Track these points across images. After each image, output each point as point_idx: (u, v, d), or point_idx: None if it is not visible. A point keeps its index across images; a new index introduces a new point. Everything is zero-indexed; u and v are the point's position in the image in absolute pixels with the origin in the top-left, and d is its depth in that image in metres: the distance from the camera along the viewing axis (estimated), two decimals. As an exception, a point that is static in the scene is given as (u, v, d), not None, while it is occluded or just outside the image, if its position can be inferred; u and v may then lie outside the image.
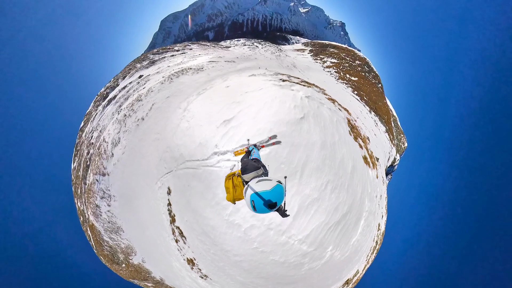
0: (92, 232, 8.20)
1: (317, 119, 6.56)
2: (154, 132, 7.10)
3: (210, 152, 6.02)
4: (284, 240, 5.89)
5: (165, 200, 6.66)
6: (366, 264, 8.02)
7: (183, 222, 6.41)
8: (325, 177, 6.07)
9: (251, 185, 2.48)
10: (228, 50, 13.31)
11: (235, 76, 8.33)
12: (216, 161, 5.93)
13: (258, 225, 5.80)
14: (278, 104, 6.35)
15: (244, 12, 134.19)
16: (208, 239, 6.13)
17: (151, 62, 10.66)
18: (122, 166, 7.24)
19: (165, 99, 7.64)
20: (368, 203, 7.31)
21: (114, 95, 9.39)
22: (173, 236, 6.73)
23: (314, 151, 6.06)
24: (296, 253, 6.02)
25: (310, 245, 6.06)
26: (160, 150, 6.80)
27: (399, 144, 16.68)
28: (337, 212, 6.26)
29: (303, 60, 15.88)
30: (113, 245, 7.97)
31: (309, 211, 5.92)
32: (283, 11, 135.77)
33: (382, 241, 8.78)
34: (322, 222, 6.06)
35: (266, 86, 7.13)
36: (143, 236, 7.42)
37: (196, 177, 6.07)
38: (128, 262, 8.03)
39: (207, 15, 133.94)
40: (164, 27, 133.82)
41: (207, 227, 6.05)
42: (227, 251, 6.06)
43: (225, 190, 3.17)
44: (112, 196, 7.40)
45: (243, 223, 5.82)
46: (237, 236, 5.88)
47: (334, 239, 6.41)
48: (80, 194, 8.49)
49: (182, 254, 6.77)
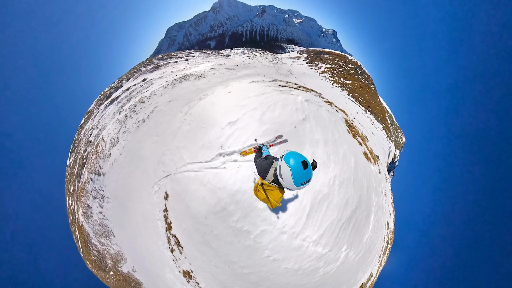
0: (80, 234, 7.21)
1: (317, 120, 6.28)
2: (154, 134, 6.53)
3: (214, 153, 5.39)
4: (298, 243, 5.18)
5: (161, 205, 5.87)
6: (379, 266, 7.32)
7: (181, 230, 5.55)
8: (331, 172, 5.72)
9: (280, 168, 2.24)
10: (228, 58, 12.93)
11: (235, 82, 7.91)
12: (221, 162, 5.28)
13: (270, 229, 5.05)
14: (281, 107, 6.00)
15: (244, 24, 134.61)
16: (210, 250, 5.24)
17: (155, 66, 10.27)
18: (118, 167, 6.59)
19: (167, 103, 7.13)
20: (375, 198, 6.87)
21: (117, 96, 8.88)
22: (168, 245, 5.85)
23: (319, 148, 5.76)
24: (310, 257, 5.32)
25: (325, 246, 5.44)
26: (159, 153, 6.17)
27: (397, 140, 16.27)
28: (348, 207, 5.80)
29: (299, 66, 15.57)
30: (102, 250, 6.96)
31: (321, 208, 5.40)
32: (279, 22, 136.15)
33: (393, 240, 8.10)
34: (334, 219, 5.52)
35: (267, 91, 6.72)
36: (135, 243, 6.55)
37: (197, 180, 5.32)
38: (116, 270, 6.93)
39: (209, 25, 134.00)
40: (169, 35, 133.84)
41: (208, 236, 5.17)
42: (233, 263, 5.15)
43: (265, 203, 2.81)
44: (106, 197, 6.66)
45: (253, 229, 5.01)
46: (245, 245, 5.03)
47: (347, 237, 5.85)
48: (73, 192, 7.66)
49: (178, 265, 5.84)
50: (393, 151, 13.23)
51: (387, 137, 12.68)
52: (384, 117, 13.40)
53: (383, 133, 12.51)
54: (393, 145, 13.38)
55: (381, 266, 7.44)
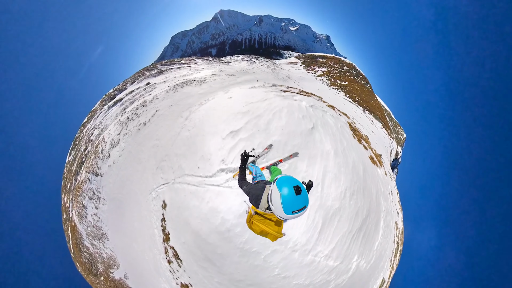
0: (72, 234, 6.52)
1: (325, 127, 5.67)
2: (154, 138, 6.08)
3: (215, 168, 4.71)
4: (310, 259, 4.72)
5: (159, 213, 5.28)
6: (391, 271, 6.80)
7: (179, 243, 4.92)
8: (342, 185, 5.15)
9: (271, 192, 1.80)
10: (228, 65, 12.63)
11: (236, 88, 7.51)
12: (224, 180, 4.57)
13: (282, 249, 4.54)
14: (287, 114, 5.33)
15: (243, 32, 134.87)
16: (213, 267, 4.63)
17: (159, 71, 9.98)
18: (117, 169, 6.07)
19: (168, 107, 6.70)
20: (384, 202, 6.41)
21: (121, 98, 8.48)
22: (166, 255, 5.22)
23: (330, 160, 5.15)
24: (322, 271, 4.85)
25: (336, 259, 4.99)
26: (158, 158, 5.68)
27: (398, 136, 15.80)
28: (358, 217, 5.31)
29: (297, 71, 15.24)
30: (94, 253, 6.27)
31: (332, 223, 4.93)
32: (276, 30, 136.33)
33: (403, 241, 7.52)
34: (345, 231, 5.04)
35: (269, 96, 6.15)
36: (129, 249, 5.88)
37: (198, 196, 4.67)
38: (107, 276, 6.20)
39: (211, 34, 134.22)
40: (173, 42, 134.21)
41: (212, 255, 4.55)
42: (239, 281, 4.61)
43: (263, 236, 2.20)
44: (102, 199, 6.09)
45: (263, 250, 4.47)
46: (254, 265, 4.48)
47: (358, 247, 5.38)
48: (69, 189, 7.11)
49: (175, 277, 5.20)
50: (395, 148, 12.70)
51: (387, 134, 12.24)
52: (382, 115, 13.01)
53: (383, 131, 12.08)
54: (395, 142, 12.85)
55: (393, 270, 6.91)
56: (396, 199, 7.87)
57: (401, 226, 7.61)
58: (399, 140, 15.70)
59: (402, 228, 7.61)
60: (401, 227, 7.58)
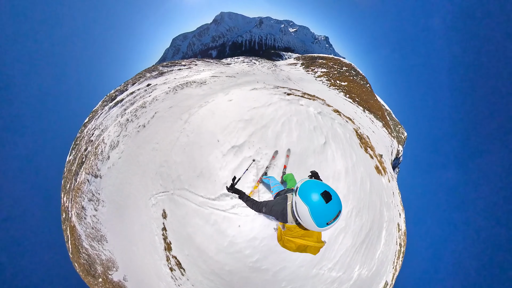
0: (71, 234, 6.34)
1: (335, 140, 5.35)
2: (153, 141, 5.91)
3: (218, 191, 4.40)
4: (315, 272, 4.71)
5: (159, 221, 5.06)
6: (394, 273, 6.64)
7: (183, 255, 4.68)
8: (350, 205, 4.96)
9: (296, 205, 1.58)
10: (229, 66, 12.46)
11: (236, 89, 7.32)
12: (230, 205, 4.30)
13: (289, 265, 4.48)
14: (297, 126, 4.88)
15: (243, 34, 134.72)
16: (220, 280, 4.41)
17: (160, 73, 9.85)
18: (116, 171, 5.91)
19: (168, 109, 6.50)
20: (387, 213, 6.23)
21: (122, 98, 8.32)
22: (167, 263, 5.02)
23: (341, 181, 4.88)
24: (325, 282, 4.85)
25: (339, 271, 4.97)
26: (157, 162, 5.50)
27: (399, 135, 15.60)
28: (362, 232, 5.21)
29: (296, 72, 15.09)
30: (92, 255, 6.12)
31: (337, 240, 4.86)
32: (276, 32, 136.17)
33: (406, 242, 7.34)
34: (349, 246, 4.96)
35: (273, 100, 5.75)
36: (129, 251, 5.73)
37: (201, 217, 4.39)
38: (106, 277, 6.04)
39: (211, 36, 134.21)
40: (174, 44, 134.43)
41: (220, 271, 4.34)
42: None
43: (302, 251, 1.95)
44: (101, 200, 5.94)
45: (273, 267, 4.38)
46: (263, 279, 4.37)
47: (360, 258, 5.29)
48: (68, 189, 6.94)
49: (177, 284, 5.02)
50: (396, 147, 12.59)
51: (388, 133, 12.10)
52: (383, 114, 12.85)
53: (384, 130, 11.94)
54: (395, 141, 12.72)
55: (396, 272, 6.73)
56: (398, 200, 7.66)
57: (404, 228, 7.41)
58: (400, 139, 15.51)
59: (404, 230, 7.42)
60: (404, 229, 7.39)
